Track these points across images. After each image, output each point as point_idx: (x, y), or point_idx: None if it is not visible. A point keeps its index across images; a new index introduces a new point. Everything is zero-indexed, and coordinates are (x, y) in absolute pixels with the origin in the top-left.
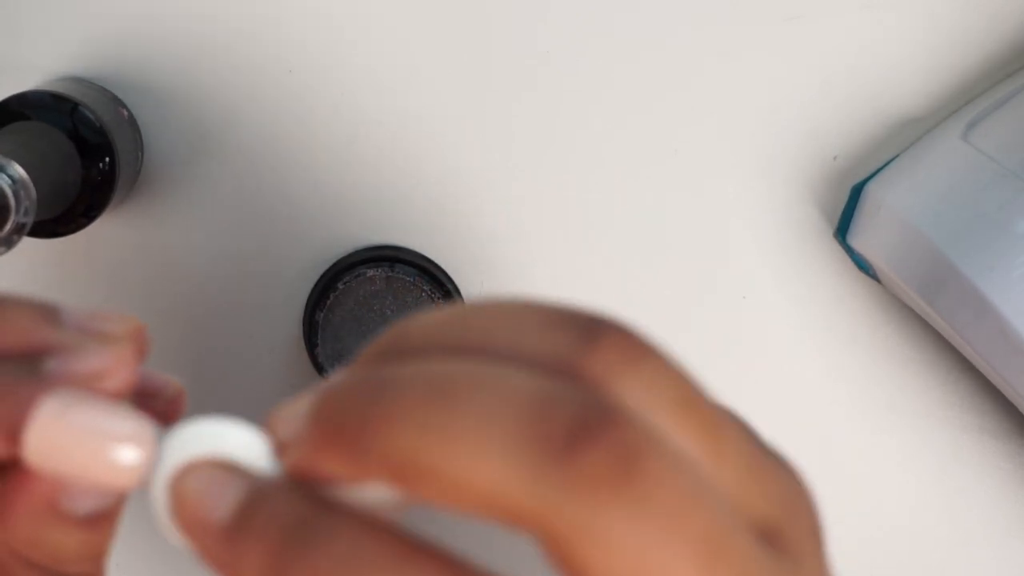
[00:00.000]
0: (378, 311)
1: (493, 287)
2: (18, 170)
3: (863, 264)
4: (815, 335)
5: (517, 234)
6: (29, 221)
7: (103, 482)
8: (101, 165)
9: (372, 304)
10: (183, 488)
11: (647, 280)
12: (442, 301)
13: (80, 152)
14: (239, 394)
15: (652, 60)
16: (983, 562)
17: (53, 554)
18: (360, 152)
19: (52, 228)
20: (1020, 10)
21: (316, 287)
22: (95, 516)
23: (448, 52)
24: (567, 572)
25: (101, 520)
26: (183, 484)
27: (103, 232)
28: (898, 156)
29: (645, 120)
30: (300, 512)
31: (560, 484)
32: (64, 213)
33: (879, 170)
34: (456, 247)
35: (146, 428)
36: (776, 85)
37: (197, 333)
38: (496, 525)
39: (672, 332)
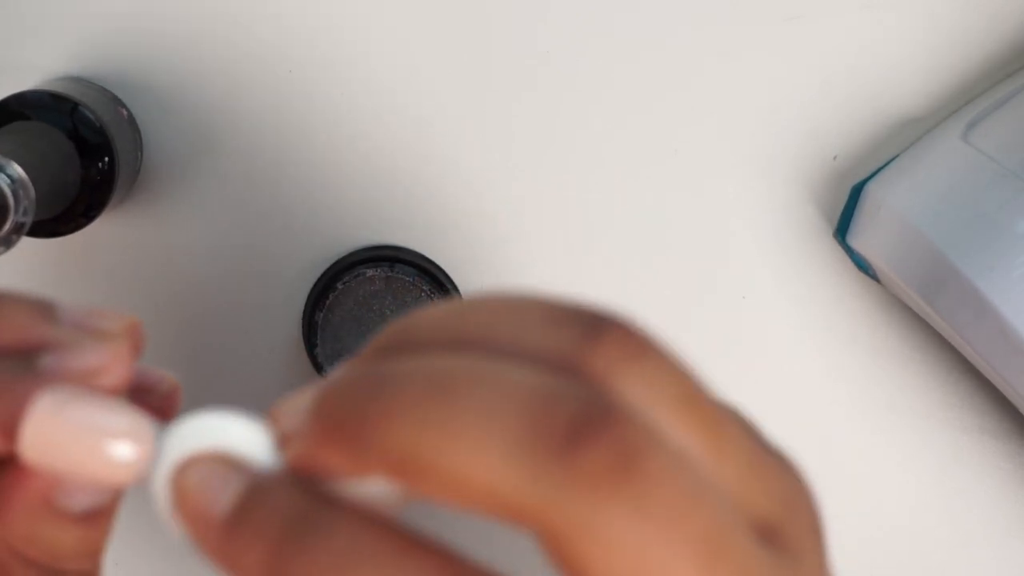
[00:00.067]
0: (378, 311)
1: (493, 287)
2: (17, 170)
3: (863, 264)
4: (815, 335)
5: (517, 234)
6: (28, 221)
7: (99, 478)
8: (100, 165)
9: (372, 304)
10: (185, 482)
11: (647, 280)
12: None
13: (80, 152)
14: (238, 394)
15: (652, 60)
16: (983, 562)
17: (50, 550)
18: (360, 152)
19: (52, 228)
20: (1020, 10)
21: (315, 287)
22: (92, 512)
23: (448, 52)
24: (566, 569)
25: (98, 516)
26: (185, 477)
27: (102, 232)
28: (898, 156)
29: (645, 120)
30: (300, 506)
31: (560, 481)
32: (63, 213)
33: (879, 170)
34: (456, 247)
35: (142, 424)
36: (776, 85)
37: (196, 333)
38: (496, 521)
39: (672, 332)
